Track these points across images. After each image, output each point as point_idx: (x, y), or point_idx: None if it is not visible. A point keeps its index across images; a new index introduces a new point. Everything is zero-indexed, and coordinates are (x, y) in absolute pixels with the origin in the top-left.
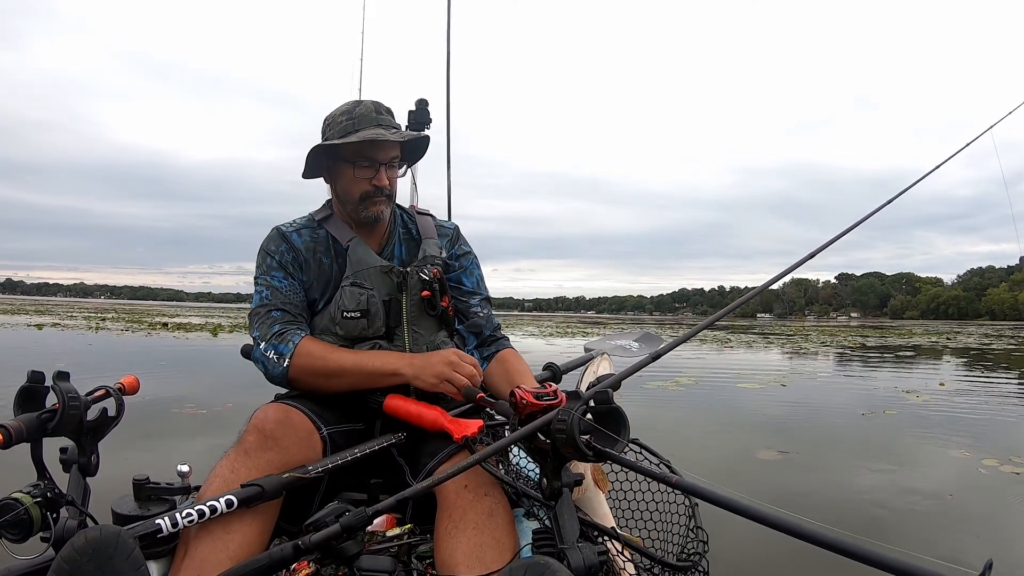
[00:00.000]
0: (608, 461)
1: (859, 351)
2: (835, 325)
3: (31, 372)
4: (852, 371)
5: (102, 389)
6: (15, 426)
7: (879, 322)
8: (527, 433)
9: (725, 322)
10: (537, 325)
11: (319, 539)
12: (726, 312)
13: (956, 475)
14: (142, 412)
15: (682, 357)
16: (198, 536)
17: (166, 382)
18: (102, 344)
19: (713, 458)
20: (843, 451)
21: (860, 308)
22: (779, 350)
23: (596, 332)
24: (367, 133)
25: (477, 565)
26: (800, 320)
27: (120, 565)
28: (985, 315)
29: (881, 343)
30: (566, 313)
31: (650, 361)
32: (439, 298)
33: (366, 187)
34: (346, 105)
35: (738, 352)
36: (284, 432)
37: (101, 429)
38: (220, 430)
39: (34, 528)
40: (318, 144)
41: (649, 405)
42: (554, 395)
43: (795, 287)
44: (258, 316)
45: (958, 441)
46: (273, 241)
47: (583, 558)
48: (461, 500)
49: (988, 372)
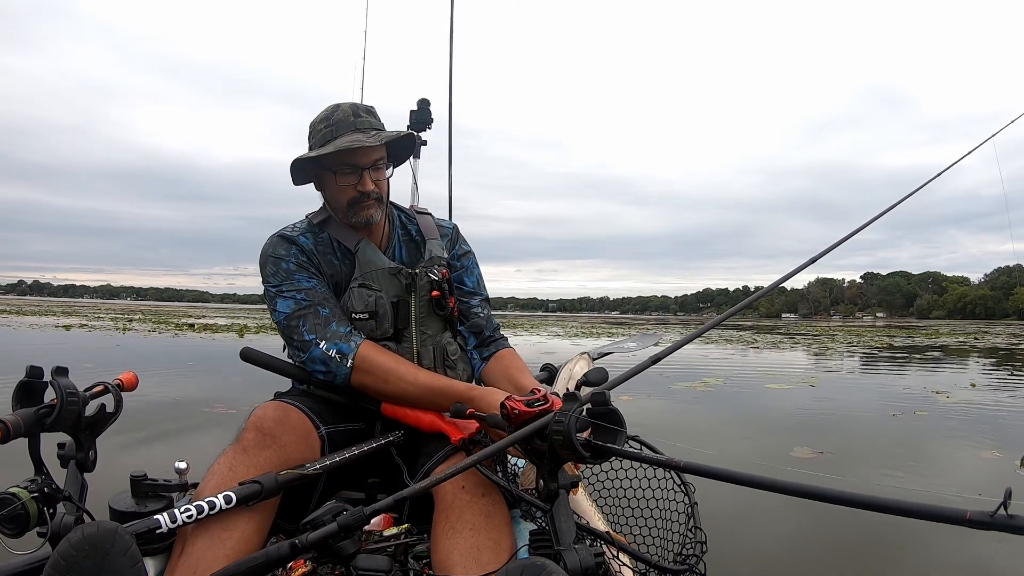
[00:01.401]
0: (611, 458)
1: (886, 351)
2: (861, 325)
3: (29, 367)
4: (880, 372)
5: (100, 385)
6: (13, 421)
7: (905, 322)
8: (524, 435)
9: (750, 322)
10: (562, 326)
11: (316, 538)
12: (729, 315)
13: (988, 476)
14: (174, 411)
15: (709, 358)
16: (195, 533)
17: (195, 382)
18: (130, 345)
19: (747, 456)
20: (877, 451)
21: (886, 308)
22: (806, 350)
23: (621, 332)
24: (343, 141)
25: (474, 566)
26: (825, 320)
27: (117, 561)
28: (1013, 314)
29: (908, 343)
30: (590, 314)
31: (651, 363)
32: (447, 298)
33: (352, 193)
34: (325, 111)
35: (764, 353)
36: (283, 430)
37: (99, 425)
38: None
39: (31, 523)
40: (297, 157)
41: (677, 406)
42: (545, 399)
43: (820, 287)
44: (303, 319)
45: (990, 442)
46: (280, 246)
47: (579, 560)
48: (458, 501)
49: (1018, 372)
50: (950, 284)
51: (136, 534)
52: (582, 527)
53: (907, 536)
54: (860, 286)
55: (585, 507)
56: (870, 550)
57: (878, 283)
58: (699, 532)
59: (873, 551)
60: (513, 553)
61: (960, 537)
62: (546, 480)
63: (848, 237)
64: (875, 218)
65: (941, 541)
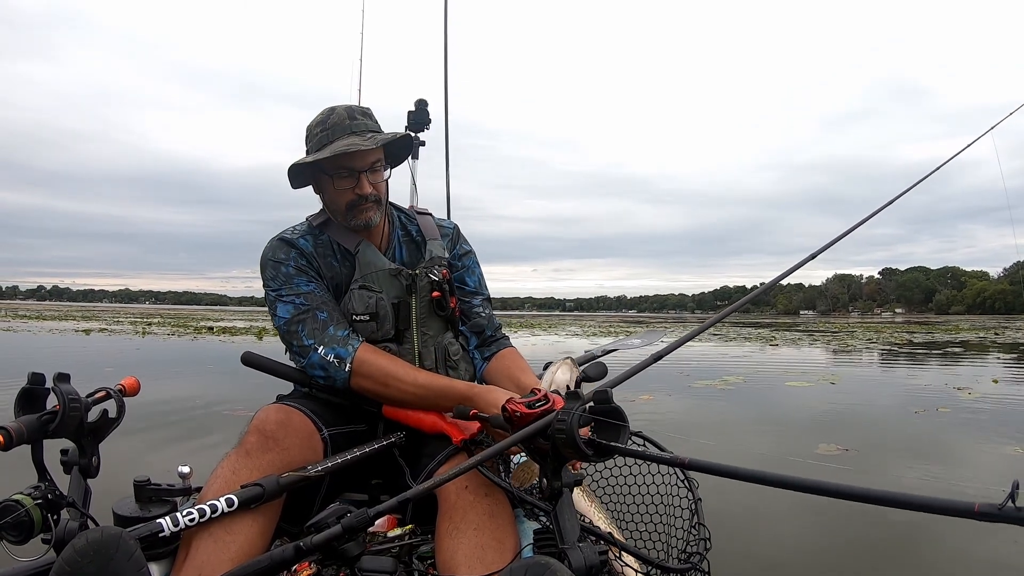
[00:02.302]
0: (615, 455)
1: (906, 347)
2: (880, 321)
3: (31, 374)
4: (901, 368)
5: (103, 390)
6: (15, 428)
7: (924, 318)
8: (527, 435)
9: (768, 320)
10: (580, 325)
11: (321, 540)
12: (728, 313)
13: (1012, 472)
14: (196, 413)
15: (728, 356)
16: (199, 537)
17: (215, 385)
18: (150, 348)
19: (771, 453)
20: (901, 447)
21: (905, 304)
22: (825, 348)
23: (639, 331)
24: (338, 145)
25: (478, 565)
26: (844, 316)
27: (121, 566)
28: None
29: (928, 339)
30: (607, 312)
31: (654, 361)
32: (448, 299)
33: (350, 196)
34: (321, 114)
35: (784, 350)
36: (285, 433)
37: (102, 430)
38: None
39: (35, 530)
40: (293, 163)
41: (699, 404)
42: (546, 399)
43: (838, 283)
44: (302, 323)
45: (1013, 438)
46: (280, 250)
47: (584, 558)
48: (462, 501)
49: None
50: (969, 279)
51: (140, 539)
52: (583, 527)
53: (919, 537)
54: (878, 282)
55: (584, 507)
56: (881, 551)
57: (896, 278)
58: (703, 529)
59: (884, 552)
60: (517, 552)
61: (976, 535)
62: (549, 479)
63: (840, 238)
64: (868, 217)
65: (956, 543)
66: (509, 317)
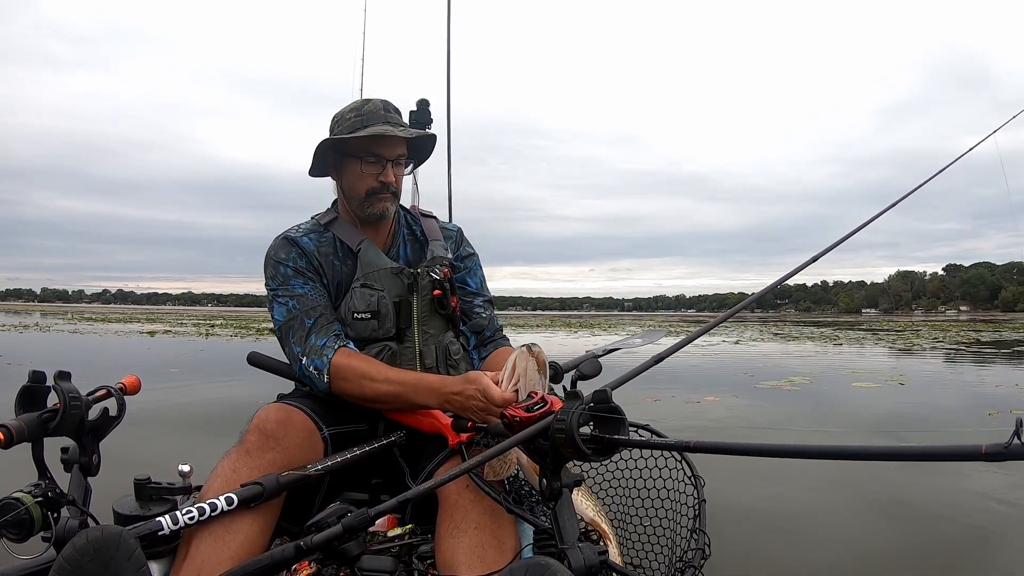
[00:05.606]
0: (616, 453)
1: (974, 347)
2: (945, 320)
3: (32, 372)
4: (970, 368)
5: (103, 389)
6: (16, 426)
7: (990, 315)
8: (526, 437)
9: (830, 319)
10: (639, 324)
11: (321, 539)
12: (731, 314)
13: None
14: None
15: (791, 356)
16: (199, 536)
17: (279, 384)
18: (214, 349)
19: None
20: None
21: (969, 301)
22: (890, 347)
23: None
24: (376, 129)
25: (478, 565)
26: (907, 315)
27: (121, 565)
28: None
29: (995, 338)
30: (666, 312)
31: (654, 363)
32: (449, 298)
33: (372, 183)
34: (355, 103)
35: (848, 349)
36: (285, 432)
37: (102, 429)
38: None
39: (35, 528)
40: (325, 139)
41: (767, 405)
42: (543, 401)
43: (901, 280)
44: (291, 329)
45: None
46: (282, 249)
47: (584, 558)
48: (462, 500)
49: None
50: None
51: (140, 537)
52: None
53: (961, 543)
54: (942, 279)
55: (582, 509)
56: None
57: (961, 275)
58: (702, 536)
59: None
60: (517, 552)
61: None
62: (549, 479)
63: (848, 236)
64: (870, 220)
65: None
66: (568, 317)
